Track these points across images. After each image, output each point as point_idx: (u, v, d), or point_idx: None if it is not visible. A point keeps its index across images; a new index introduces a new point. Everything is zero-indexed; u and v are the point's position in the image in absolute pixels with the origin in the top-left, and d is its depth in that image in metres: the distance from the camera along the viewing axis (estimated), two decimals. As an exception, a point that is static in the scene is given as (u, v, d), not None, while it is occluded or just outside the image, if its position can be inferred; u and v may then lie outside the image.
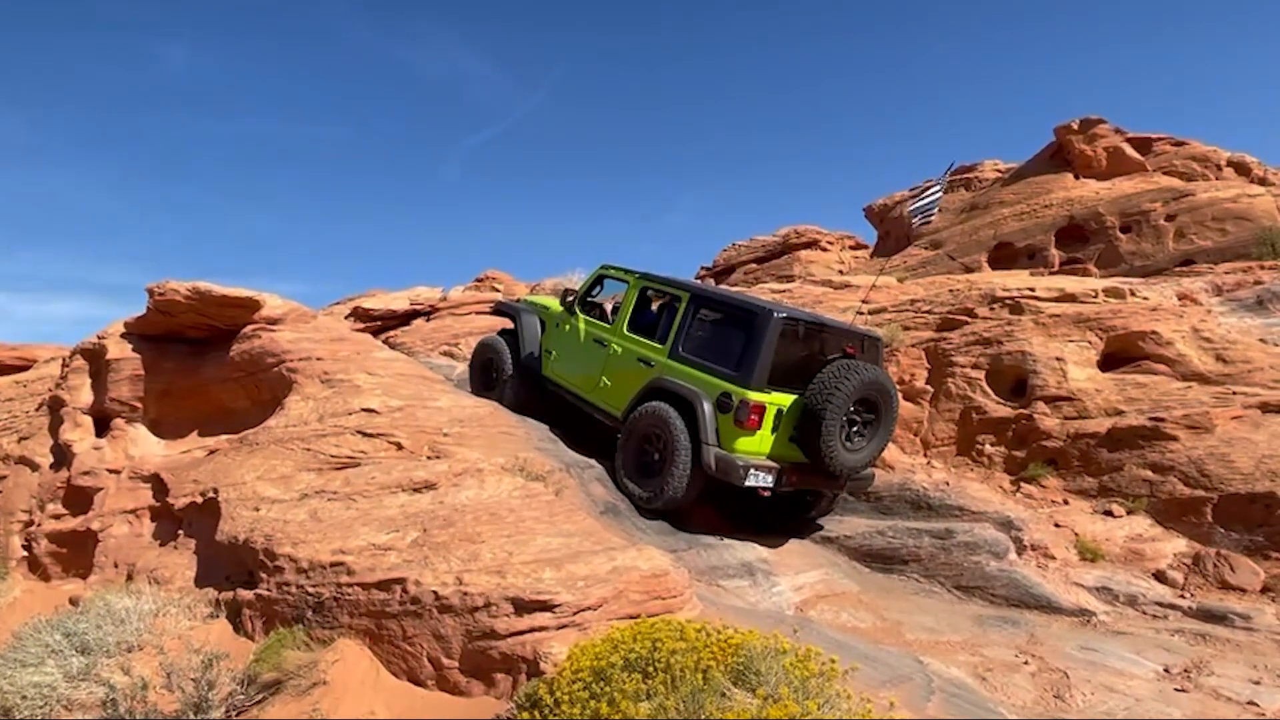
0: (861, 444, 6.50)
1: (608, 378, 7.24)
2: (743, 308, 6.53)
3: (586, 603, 4.15)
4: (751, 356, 6.18)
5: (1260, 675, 5.04)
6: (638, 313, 7.36)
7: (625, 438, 6.78)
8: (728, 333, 6.51)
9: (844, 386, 6.09)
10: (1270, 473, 6.79)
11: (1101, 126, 16.62)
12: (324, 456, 6.16)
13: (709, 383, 6.37)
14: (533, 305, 8.62)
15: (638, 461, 6.68)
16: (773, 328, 6.18)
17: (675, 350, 6.74)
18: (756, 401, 6.14)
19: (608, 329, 7.46)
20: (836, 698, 3.13)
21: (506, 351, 8.19)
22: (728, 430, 6.21)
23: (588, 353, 7.54)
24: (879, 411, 6.53)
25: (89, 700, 4.25)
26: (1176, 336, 8.47)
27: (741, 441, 6.20)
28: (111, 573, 6.80)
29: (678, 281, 7.24)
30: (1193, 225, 13.70)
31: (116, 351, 8.19)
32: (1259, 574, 6.37)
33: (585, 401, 7.46)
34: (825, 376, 6.17)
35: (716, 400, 6.26)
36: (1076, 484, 7.70)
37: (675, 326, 6.82)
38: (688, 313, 6.80)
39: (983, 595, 6.38)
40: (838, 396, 6.08)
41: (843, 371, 6.16)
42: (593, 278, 7.96)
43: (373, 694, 4.09)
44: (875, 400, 6.44)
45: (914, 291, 11.83)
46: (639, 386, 6.84)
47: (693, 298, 6.88)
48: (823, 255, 23.86)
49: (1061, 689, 4.84)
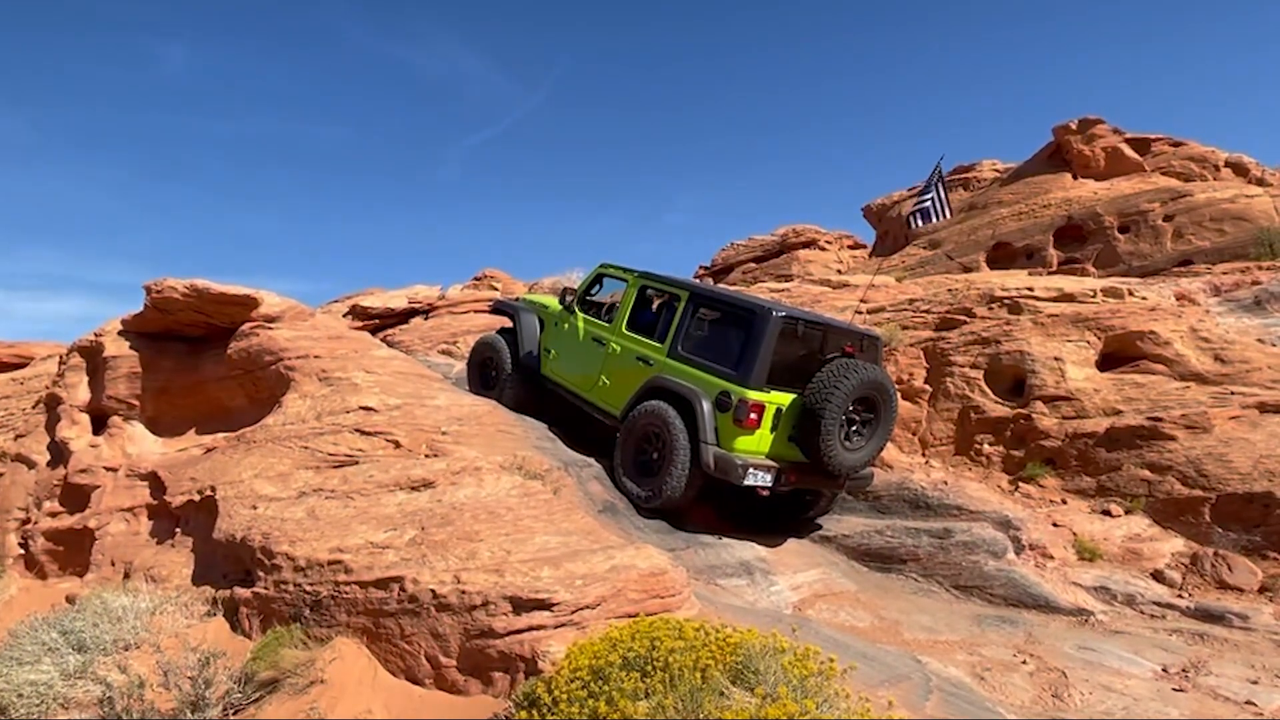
0: (861, 443, 6.49)
1: (606, 377, 7.22)
2: (742, 306, 6.51)
3: (585, 601, 4.14)
4: (751, 355, 6.17)
5: (1258, 675, 5.05)
6: (637, 312, 7.33)
7: (624, 437, 6.76)
8: (727, 332, 6.50)
9: (843, 386, 6.08)
10: (1268, 473, 6.80)
11: (1100, 127, 16.64)
12: (322, 455, 6.14)
13: (708, 381, 6.35)
14: (531, 304, 8.58)
15: (636, 460, 6.66)
16: (772, 327, 6.17)
17: (674, 349, 6.72)
18: (755, 400, 6.13)
19: (607, 328, 7.43)
20: (835, 696, 3.12)
21: (506, 350, 8.16)
22: (727, 429, 6.19)
23: (587, 352, 7.51)
24: (878, 411, 6.52)
25: (85, 698, 4.23)
26: (1174, 336, 8.48)
27: (740, 441, 6.19)
28: (108, 571, 6.78)
29: (677, 280, 7.20)
30: (1191, 225, 13.71)
31: (114, 349, 8.18)
32: (1256, 574, 6.38)
33: (584, 400, 7.44)
34: (824, 376, 6.17)
35: (715, 399, 6.25)
36: (1075, 484, 7.70)
37: (674, 325, 6.80)
38: (687, 312, 6.78)
39: (981, 595, 6.38)
40: (837, 396, 6.07)
41: (842, 371, 6.15)
42: (592, 276, 7.93)
43: (370, 693, 4.08)
44: (874, 399, 6.42)
45: (912, 291, 11.83)
46: (638, 385, 6.81)
47: (692, 296, 6.86)
48: (821, 255, 23.89)
49: (1059, 688, 4.84)
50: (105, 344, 8.25)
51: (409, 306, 15.06)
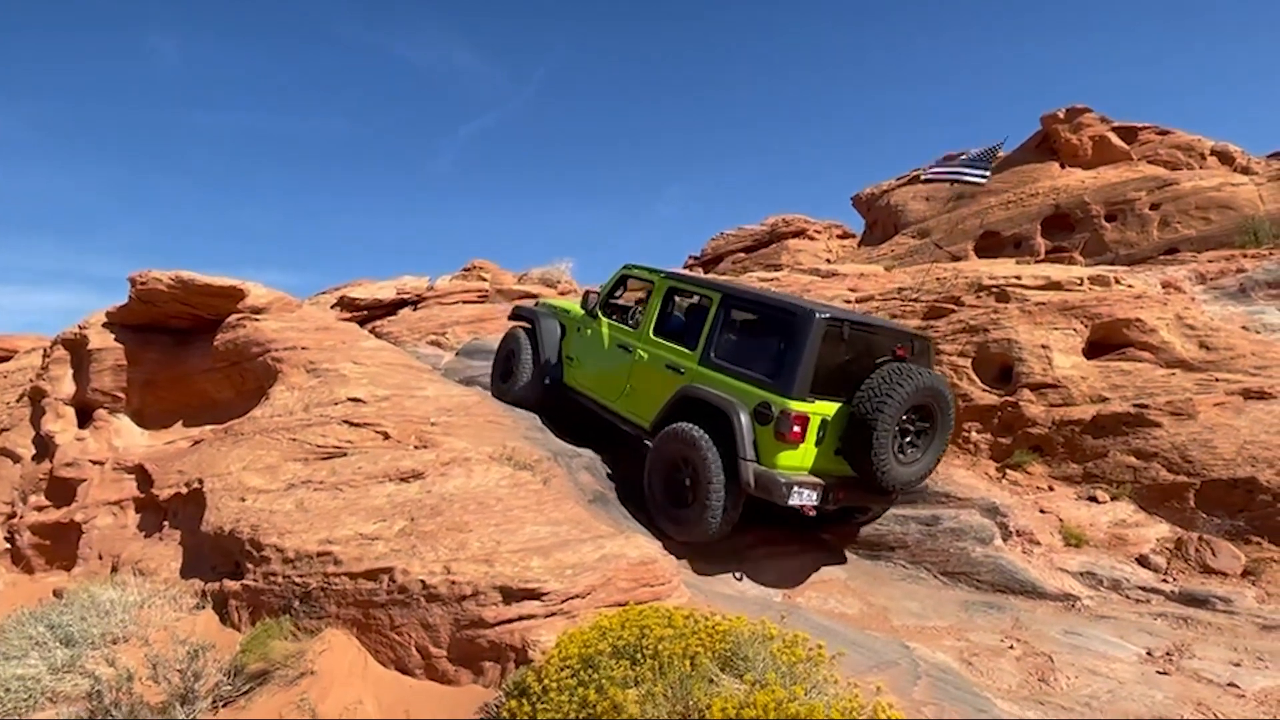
0: (916, 455, 5.94)
1: (634, 385, 6.75)
2: (781, 308, 5.97)
3: (575, 591, 4.15)
4: (792, 362, 5.61)
5: (1240, 657, 5.11)
6: (664, 316, 6.85)
7: (652, 461, 6.26)
8: (765, 336, 5.97)
9: (896, 394, 5.53)
10: (1251, 458, 6.87)
11: (1087, 115, 16.71)
12: (310, 446, 6.12)
13: (745, 392, 5.80)
14: (552, 309, 8.14)
15: (667, 489, 6.12)
16: (815, 330, 5.60)
17: (706, 356, 6.20)
18: (799, 412, 5.56)
19: (633, 333, 6.95)
20: (823, 683, 3.15)
21: (529, 352, 7.75)
22: (767, 444, 5.64)
23: (612, 359, 7.06)
24: (935, 419, 5.95)
25: (73, 692, 4.21)
26: (1160, 324, 8.53)
27: (783, 456, 5.63)
28: (96, 564, 6.74)
29: (708, 281, 6.74)
30: (1177, 214, 13.81)
31: (98, 341, 8.10)
32: (1240, 558, 6.45)
33: (611, 411, 6.97)
34: (875, 383, 5.61)
35: (754, 411, 5.70)
36: (1061, 470, 7.76)
37: (706, 330, 6.28)
38: (719, 315, 6.26)
39: (968, 581, 6.43)
40: (890, 405, 5.51)
41: (895, 377, 5.58)
42: (615, 278, 7.47)
43: (360, 683, 4.08)
44: (931, 407, 5.88)
45: (901, 280, 11.87)
46: (668, 395, 6.30)
47: (724, 298, 6.33)
48: (810, 244, 23.94)
49: (1045, 673, 4.89)
50: (90, 336, 8.17)
51: (397, 298, 14.99)
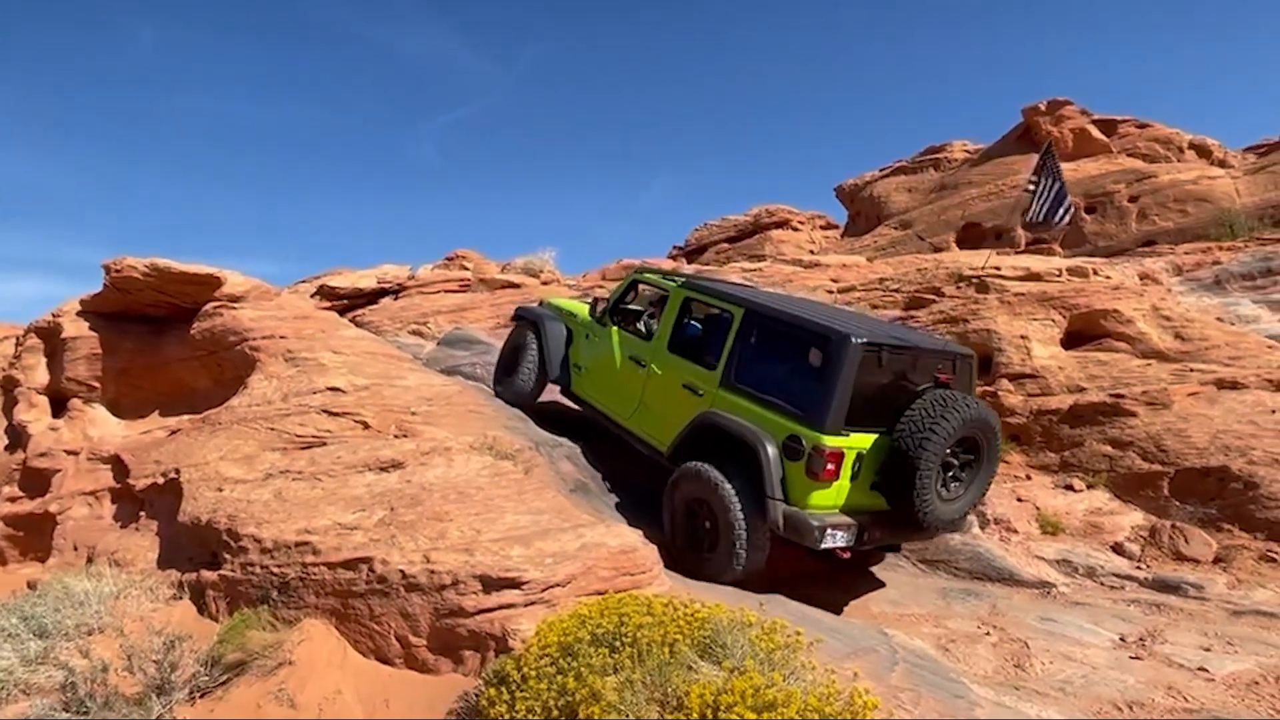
0: (959, 490, 5.38)
1: (647, 402, 6.21)
2: (813, 331, 5.26)
3: (555, 579, 4.15)
4: (826, 392, 5.00)
5: (1211, 643, 5.21)
6: (679, 328, 6.24)
7: (668, 501, 5.70)
8: (794, 359, 5.32)
9: (941, 427, 4.95)
10: (1224, 447, 6.98)
11: (1068, 108, 16.84)
12: (288, 436, 6.06)
13: (773, 422, 5.20)
14: (557, 310, 7.51)
15: (686, 529, 5.58)
16: (851, 356, 4.97)
17: (728, 378, 5.58)
18: (834, 448, 4.98)
19: (646, 347, 6.35)
20: (801, 669, 3.16)
21: (534, 354, 7.27)
22: (798, 481, 5.05)
23: (622, 372, 6.49)
24: (980, 452, 5.39)
25: (47, 684, 4.16)
26: (1137, 315, 8.64)
27: (815, 495, 5.06)
28: (71, 555, 6.66)
29: (730, 293, 6.02)
30: (1155, 206, 13.97)
31: (73, 330, 7.98)
32: (1211, 545, 6.56)
33: (623, 428, 6.43)
34: (918, 414, 5.02)
35: (783, 445, 5.10)
36: (1039, 459, 7.85)
37: (727, 349, 5.66)
38: (742, 333, 5.64)
39: (947, 569, 6.50)
40: (935, 439, 4.94)
41: (940, 408, 5.01)
42: (626, 284, 6.88)
43: (339, 673, 4.06)
44: (977, 439, 5.31)
45: (883, 270, 11.93)
46: (685, 419, 5.71)
47: (748, 314, 5.67)
48: (794, 235, 23.97)
49: (1021, 659, 4.95)
50: (64, 325, 8.05)
51: (378, 287, 14.85)
